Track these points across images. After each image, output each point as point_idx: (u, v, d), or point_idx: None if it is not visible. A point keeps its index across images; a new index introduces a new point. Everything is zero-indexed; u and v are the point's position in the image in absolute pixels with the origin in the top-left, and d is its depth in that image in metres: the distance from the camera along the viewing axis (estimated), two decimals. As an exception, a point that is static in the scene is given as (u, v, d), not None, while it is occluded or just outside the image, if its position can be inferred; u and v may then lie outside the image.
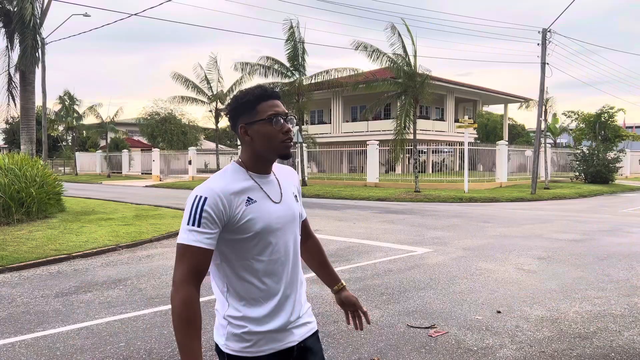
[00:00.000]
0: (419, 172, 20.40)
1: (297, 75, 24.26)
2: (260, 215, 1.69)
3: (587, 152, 27.20)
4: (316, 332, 1.89)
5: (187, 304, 1.60)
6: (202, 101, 28.76)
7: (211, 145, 53.82)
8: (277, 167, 1.86)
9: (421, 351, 4.12)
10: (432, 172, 30.31)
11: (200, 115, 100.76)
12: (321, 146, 30.07)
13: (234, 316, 1.73)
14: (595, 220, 12.75)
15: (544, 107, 22.18)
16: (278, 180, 1.82)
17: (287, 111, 1.77)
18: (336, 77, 24.10)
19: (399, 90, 20.12)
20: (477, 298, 5.60)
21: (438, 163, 33.33)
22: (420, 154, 25.65)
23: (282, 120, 1.72)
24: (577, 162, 27.54)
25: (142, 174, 38.57)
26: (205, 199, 1.61)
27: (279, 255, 1.74)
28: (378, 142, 24.79)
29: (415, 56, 19.86)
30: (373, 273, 6.72)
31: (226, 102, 29.30)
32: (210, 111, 29.19)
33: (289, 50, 23.97)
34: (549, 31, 20.31)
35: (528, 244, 8.97)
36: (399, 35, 19.81)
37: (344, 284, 2.10)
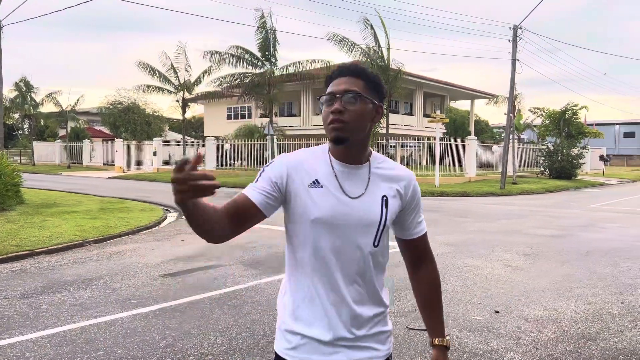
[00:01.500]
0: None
1: (269, 66, 23.79)
2: (319, 203, 1.47)
3: (552, 148, 27.75)
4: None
5: (215, 207, 1.44)
6: (168, 90, 27.89)
7: (176, 136, 52.64)
8: (385, 164, 1.58)
9: (425, 356, 3.88)
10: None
11: (165, 105, 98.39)
12: (291, 139, 29.67)
13: (283, 311, 1.59)
14: (568, 215, 12.89)
15: (513, 104, 22.41)
16: (370, 176, 1.53)
17: (348, 89, 1.47)
18: (308, 68, 23.75)
19: (372, 84, 19.94)
20: (472, 297, 5.43)
21: (406, 157, 33.45)
22: (390, 148, 25.60)
23: (334, 100, 1.47)
24: (543, 158, 28.07)
25: (103, 165, 37.26)
26: (272, 163, 1.54)
27: (330, 255, 1.48)
28: (350, 135, 24.58)
29: (388, 49, 19.71)
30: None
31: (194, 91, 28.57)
32: (177, 101, 28.35)
33: (260, 40, 23.49)
34: (520, 28, 20.49)
35: (510, 240, 8.91)
36: (372, 28, 19.64)
37: (449, 342, 1.66)
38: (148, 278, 5.96)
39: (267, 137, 24.31)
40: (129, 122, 39.81)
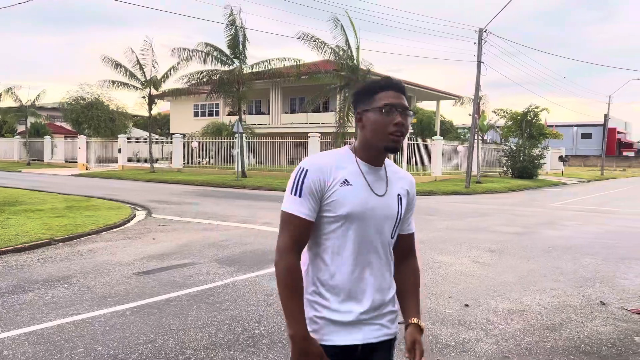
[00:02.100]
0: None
1: (238, 64, 23.66)
2: (351, 199, 1.66)
3: (515, 148, 28.58)
4: (391, 341, 1.80)
5: (290, 271, 1.64)
6: (134, 87, 27.36)
7: (141, 133, 51.68)
8: (393, 167, 1.82)
9: (401, 348, 4.02)
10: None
11: (129, 101, 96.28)
12: (259, 137, 29.60)
13: (309, 299, 1.70)
14: (530, 213, 13.36)
15: (478, 105, 22.98)
16: (387, 176, 1.77)
17: (406, 105, 1.72)
18: (277, 67, 23.73)
19: (342, 83, 20.10)
20: (443, 291, 5.63)
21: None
22: (347, 144, 25.89)
23: (396, 112, 1.67)
24: (506, 158, 28.88)
25: (65, 162, 36.30)
26: (307, 171, 1.65)
27: (359, 246, 1.68)
28: (319, 134, 24.73)
29: (358, 49, 19.91)
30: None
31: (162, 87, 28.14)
32: (144, 97, 27.85)
33: (229, 38, 23.32)
34: (485, 31, 21.02)
35: (476, 237, 9.21)
36: (342, 28, 19.79)
37: (424, 326, 1.84)
38: (122, 276, 5.93)
39: (236, 135, 24.18)
40: (92, 119, 38.89)
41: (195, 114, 42.33)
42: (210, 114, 41.10)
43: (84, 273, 6.06)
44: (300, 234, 1.64)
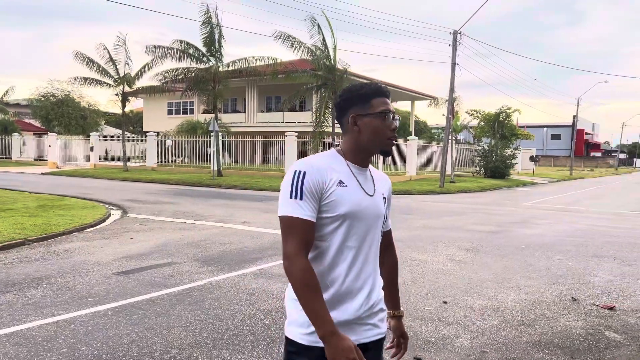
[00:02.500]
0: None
1: (214, 62, 23.50)
2: (348, 199, 1.70)
3: (487, 149, 29.13)
4: (381, 340, 1.84)
5: (307, 271, 1.62)
6: (107, 84, 26.90)
7: (113, 130, 50.82)
8: (373, 169, 1.90)
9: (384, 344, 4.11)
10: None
11: (101, 98, 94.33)
12: (234, 136, 29.45)
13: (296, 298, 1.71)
14: (503, 212, 13.68)
15: (452, 106, 23.34)
16: (372, 177, 1.85)
17: (394, 110, 1.82)
18: (254, 65, 23.66)
19: (319, 83, 20.17)
20: (422, 289, 5.75)
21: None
22: (334, 147, 26.02)
23: (391, 118, 1.77)
24: (479, 158, 29.41)
25: (35, 160, 35.47)
26: (305, 173, 1.66)
27: (356, 244, 1.73)
28: (296, 133, 24.75)
29: (335, 49, 20.01)
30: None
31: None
32: (117, 94, 27.41)
33: (205, 35, 23.15)
34: (459, 33, 21.37)
35: (452, 236, 9.39)
36: (319, 27, 19.85)
37: (403, 313, 2.05)
38: (102, 276, 5.88)
39: (212, 134, 24.03)
40: (62, 116, 38.10)
41: (170, 112, 41.86)
42: (185, 112, 40.70)
43: (62, 273, 5.98)
44: (307, 237, 1.65)
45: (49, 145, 32.58)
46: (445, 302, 5.27)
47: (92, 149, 31.71)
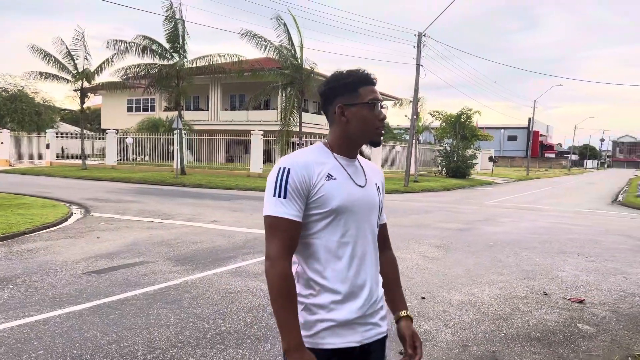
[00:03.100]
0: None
1: (178, 58, 23.06)
2: (338, 193, 1.61)
3: (449, 149, 29.73)
4: (384, 339, 1.74)
5: (285, 278, 1.55)
6: (65, 79, 25.99)
7: (69, 128, 49.19)
8: (362, 159, 1.81)
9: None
10: (309, 163, 30.80)
11: (57, 94, 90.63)
12: (197, 134, 28.99)
13: (306, 303, 1.63)
14: (468, 211, 13.98)
15: (416, 107, 23.69)
16: (363, 168, 1.76)
17: (382, 99, 1.73)
18: (218, 62, 23.34)
19: (286, 82, 20.09)
20: (399, 285, 5.80)
21: (314, 155, 34.01)
22: (297, 146, 25.99)
23: (380, 107, 1.69)
24: (441, 158, 29.98)
25: (-15, 157, 33.91)
26: (289, 170, 1.58)
27: (352, 239, 1.64)
28: (262, 132, 24.58)
29: (301, 48, 19.98)
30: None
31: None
32: (76, 90, 26.53)
33: (169, 31, 22.70)
34: (424, 35, 21.72)
35: (422, 233, 9.53)
36: (285, 26, 19.77)
37: (410, 314, 1.84)
38: (72, 276, 5.67)
39: (175, 132, 23.56)
40: (15, 112, 36.64)
41: (130, 109, 40.85)
42: (146, 109, 39.80)
43: (28, 274, 5.73)
44: (291, 238, 1.57)
45: (1, 142, 31.25)
46: (423, 298, 5.34)
47: (48, 146, 30.61)
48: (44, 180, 20.27)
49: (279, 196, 1.56)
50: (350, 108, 1.66)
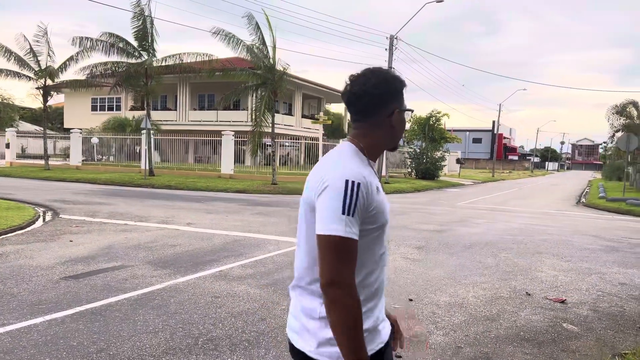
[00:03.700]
0: (267, 164, 20.44)
1: (147, 56, 22.58)
2: (385, 206, 1.61)
3: (419, 151, 30.10)
4: (392, 331, 1.79)
5: (360, 306, 1.47)
6: (27, 76, 25.09)
7: (28, 127, 47.54)
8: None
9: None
10: (279, 165, 30.73)
11: (17, 92, 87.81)
12: (165, 134, 28.46)
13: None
14: (442, 212, 14.16)
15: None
16: (376, 174, 1.74)
17: None
18: (188, 61, 22.97)
19: (258, 82, 19.92)
20: (386, 287, 5.79)
21: (284, 156, 33.96)
22: (267, 147, 25.82)
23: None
24: (410, 160, 30.32)
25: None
26: (359, 185, 1.47)
27: (385, 249, 1.64)
28: (233, 132, 24.32)
29: (274, 48, 19.84)
30: (276, 267, 6.54)
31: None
32: (38, 88, 25.65)
33: (137, 29, 22.20)
34: (396, 38, 21.92)
35: (401, 234, 9.58)
36: (257, 25, 19.59)
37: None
38: (49, 281, 5.44)
39: (143, 132, 23.06)
40: (-28, 110, 35.19)
41: (94, 108, 39.87)
42: (111, 109, 38.92)
43: (1, 279, 5.47)
44: (356, 260, 1.49)
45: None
46: (411, 300, 5.35)
47: (7, 145, 29.51)
48: (5, 181, 19.52)
49: (349, 214, 1.44)
50: (400, 114, 1.65)
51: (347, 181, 1.46)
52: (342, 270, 1.45)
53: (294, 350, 1.62)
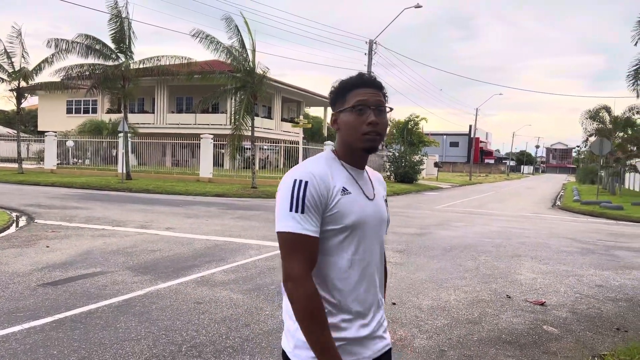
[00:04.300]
0: (247, 167, 20.31)
1: (124, 59, 22.28)
2: (353, 208, 1.56)
3: (398, 155, 30.33)
4: (389, 352, 1.72)
5: (313, 298, 1.48)
6: (0, 78, 24.51)
7: (1, 129, 46.47)
8: (369, 169, 1.75)
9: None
10: (259, 168, 30.61)
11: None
12: (142, 137, 28.10)
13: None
14: (421, 215, 14.28)
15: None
16: (370, 179, 1.71)
17: (381, 100, 1.62)
18: (166, 64, 22.72)
19: (238, 85, 19.82)
20: (368, 292, 5.81)
21: (263, 160, 33.84)
22: (246, 150, 25.71)
23: (369, 110, 1.58)
24: (389, 164, 30.52)
25: None
26: (306, 183, 1.50)
27: (364, 255, 1.59)
28: (212, 135, 24.14)
29: (254, 52, 19.76)
30: (258, 271, 6.50)
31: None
32: (12, 90, 25.09)
33: (114, 31, 21.89)
34: (375, 42, 22.07)
35: (381, 239, 9.62)
36: (237, 28, 19.50)
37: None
38: (26, 288, 5.31)
39: (120, 135, 22.73)
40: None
41: (69, 111, 39.17)
42: (87, 112, 38.28)
43: (-24, 287, 5.33)
44: (311, 255, 1.50)
45: None
46: (394, 304, 5.38)
47: (-21, 149, 28.75)
48: (-24, 185, 19.02)
49: (296, 211, 1.48)
50: (340, 115, 1.62)
51: (294, 180, 1.51)
52: (291, 263, 1.48)
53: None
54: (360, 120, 1.57)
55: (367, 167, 1.71)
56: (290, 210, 1.49)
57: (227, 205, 15.07)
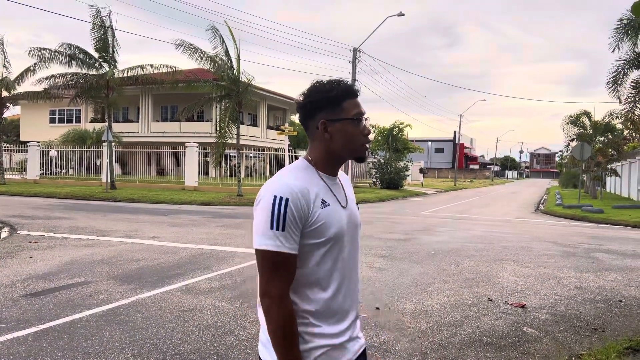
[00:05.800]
0: (232, 175, 20.33)
1: (108, 68, 22.20)
2: (333, 220, 1.57)
3: (383, 161, 30.53)
4: (365, 351, 1.77)
5: (292, 318, 1.51)
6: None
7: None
8: (341, 173, 1.75)
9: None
10: (244, 176, 30.59)
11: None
12: (126, 146, 27.95)
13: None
14: (406, 221, 14.39)
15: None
16: (342, 184, 1.72)
17: (365, 112, 1.67)
18: (151, 72, 22.69)
19: (222, 93, 19.86)
20: (353, 297, 5.88)
21: (248, 167, 33.83)
22: (232, 158, 25.70)
23: (363, 121, 1.64)
24: (375, 170, 30.71)
25: None
26: (287, 200, 1.48)
27: (343, 264, 1.61)
28: (198, 144, 24.09)
29: (238, 60, 19.84)
30: (243, 279, 6.54)
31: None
32: (-7, 100, 24.84)
33: (98, 40, 21.83)
34: (359, 50, 22.27)
35: (366, 244, 9.69)
36: (221, 37, 19.58)
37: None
38: (9, 299, 5.29)
39: (104, 144, 22.60)
40: None
41: (52, 121, 38.82)
42: (70, 121, 37.97)
43: (-43, 299, 5.29)
44: (290, 272, 1.51)
45: None
46: (377, 308, 5.45)
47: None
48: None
49: (277, 229, 1.47)
50: (334, 124, 1.59)
51: (274, 197, 1.48)
52: (271, 282, 1.49)
53: None
54: (358, 131, 1.61)
55: (340, 172, 1.74)
56: (272, 227, 1.47)
57: (212, 213, 15.06)
